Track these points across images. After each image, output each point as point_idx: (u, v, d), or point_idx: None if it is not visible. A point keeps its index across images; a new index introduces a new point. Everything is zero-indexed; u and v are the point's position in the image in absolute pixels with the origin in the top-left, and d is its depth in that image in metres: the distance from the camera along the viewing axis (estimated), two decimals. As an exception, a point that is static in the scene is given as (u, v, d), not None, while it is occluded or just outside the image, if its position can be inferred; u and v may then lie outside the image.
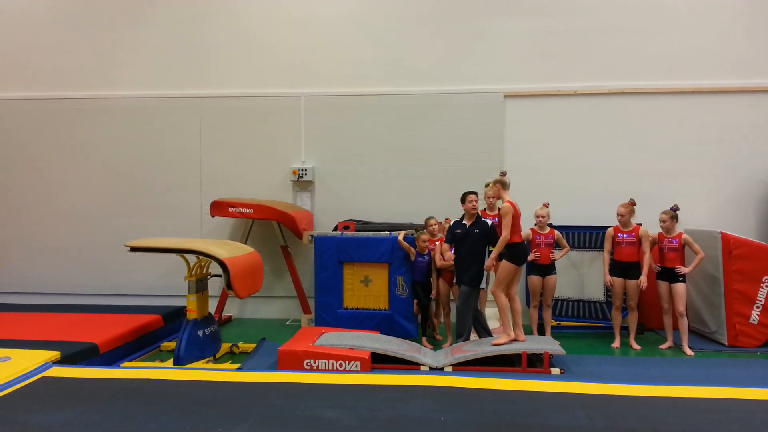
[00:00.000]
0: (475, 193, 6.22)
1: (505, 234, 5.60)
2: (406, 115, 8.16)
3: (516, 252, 5.69)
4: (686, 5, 7.82)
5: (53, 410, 4.04)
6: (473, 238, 6.12)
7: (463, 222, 6.23)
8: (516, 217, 5.68)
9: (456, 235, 6.20)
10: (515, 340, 5.73)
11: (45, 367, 4.86)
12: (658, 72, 7.86)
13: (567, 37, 7.95)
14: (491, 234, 6.16)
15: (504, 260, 5.72)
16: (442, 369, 5.46)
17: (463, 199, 6.23)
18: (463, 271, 6.13)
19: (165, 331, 6.93)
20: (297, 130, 8.30)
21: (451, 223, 6.37)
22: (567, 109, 7.99)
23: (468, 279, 6.11)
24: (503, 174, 6.05)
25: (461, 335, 6.23)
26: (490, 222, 6.26)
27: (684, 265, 6.51)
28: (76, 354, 5.31)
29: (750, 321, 6.57)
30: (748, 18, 7.75)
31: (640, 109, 7.89)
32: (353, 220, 7.58)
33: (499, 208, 5.92)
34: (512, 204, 5.67)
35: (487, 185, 6.85)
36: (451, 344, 6.39)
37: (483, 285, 6.29)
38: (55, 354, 5.13)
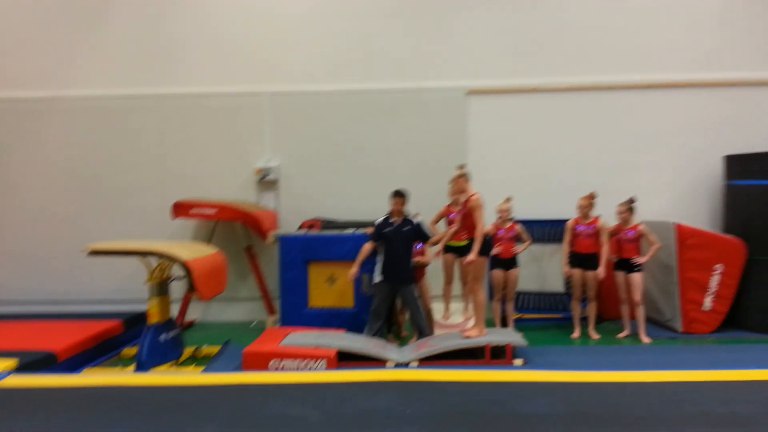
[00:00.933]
0: (402, 196, 6.34)
1: (480, 226, 5.64)
2: (371, 112, 8.19)
3: (485, 244, 5.77)
4: (641, 3, 8.03)
5: (11, 420, 3.93)
6: (405, 235, 6.28)
7: (391, 221, 6.33)
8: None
9: (385, 233, 6.28)
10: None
11: (1, 376, 4.72)
12: (615, 68, 8.06)
13: (529, 33, 8.10)
14: (420, 231, 6.38)
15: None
16: (407, 364, 5.50)
17: (390, 199, 6.36)
18: (403, 269, 6.27)
19: (126, 337, 6.80)
20: (261, 129, 8.24)
21: (377, 222, 6.42)
22: (527, 105, 8.14)
23: (410, 276, 6.31)
24: (463, 166, 6.06)
25: (423, 332, 6.31)
26: (416, 220, 6.42)
27: (640, 256, 6.71)
28: (33, 362, 5.16)
29: (703, 308, 6.81)
30: (701, 15, 8.01)
31: (598, 104, 8.09)
32: (318, 219, 7.57)
33: (465, 202, 5.90)
34: (478, 196, 5.73)
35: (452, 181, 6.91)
36: (417, 340, 6.45)
37: None
38: (11, 362, 4.98)
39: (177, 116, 8.26)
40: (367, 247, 6.33)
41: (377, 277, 6.42)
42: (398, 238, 6.27)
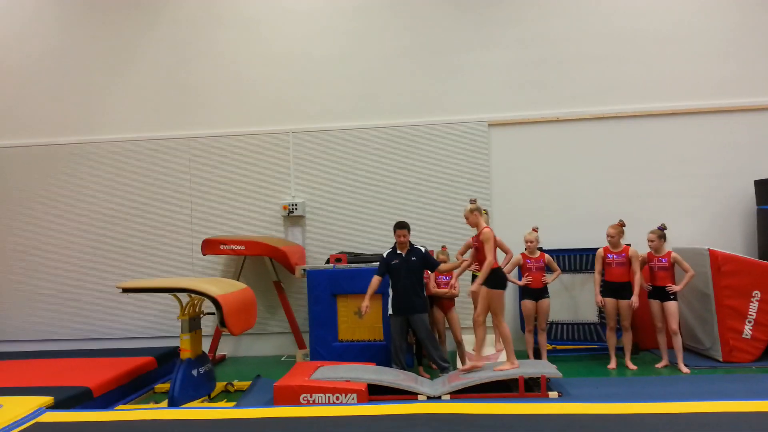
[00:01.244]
0: (405, 227, 6.36)
1: (490, 259, 5.66)
2: (394, 147, 8.28)
3: (499, 277, 5.76)
4: (661, 32, 8.05)
5: (48, 456, 3.98)
6: (413, 265, 6.29)
7: (398, 252, 6.34)
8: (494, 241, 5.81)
9: (393, 265, 6.30)
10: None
11: (38, 412, 4.79)
12: (637, 96, 8.06)
13: (547, 66, 8.15)
14: (428, 260, 6.36)
15: (491, 289, 5.72)
16: (440, 397, 5.42)
17: (394, 231, 6.38)
18: (412, 300, 6.25)
19: (159, 372, 6.85)
20: (286, 166, 8.39)
21: (384, 255, 6.43)
22: (550, 135, 8.15)
23: (421, 306, 6.29)
24: (474, 201, 6.08)
25: (436, 362, 6.28)
26: (423, 249, 6.40)
27: (674, 284, 6.57)
28: (69, 398, 5.23)
29: (743, 336, 6.61)
30: (723, 42, 7.99)
31: (622, 132, 8.06)
32: (345, 253, 7.61)
33: (477, 235, 5.93)
34: (490, 229, 5.81)
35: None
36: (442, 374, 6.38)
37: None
38: (48, 399, 5.06)
39: (205, 157, 8.46)
40: (376, 280, 6.34)
41: (389, 310, 6.43)
42: (406, 269, 6.28)
